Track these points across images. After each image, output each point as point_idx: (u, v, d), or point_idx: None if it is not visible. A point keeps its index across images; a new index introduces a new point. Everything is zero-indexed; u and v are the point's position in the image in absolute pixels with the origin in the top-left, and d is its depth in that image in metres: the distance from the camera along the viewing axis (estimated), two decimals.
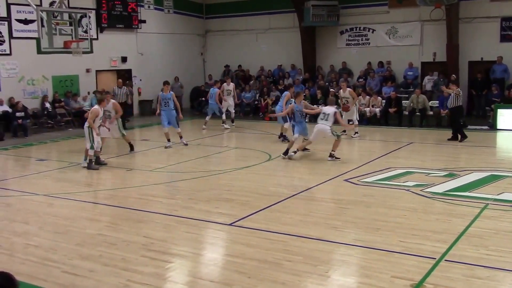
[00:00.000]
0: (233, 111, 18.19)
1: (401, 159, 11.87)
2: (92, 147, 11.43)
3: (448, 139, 14.14)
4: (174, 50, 23.59)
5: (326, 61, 22.08)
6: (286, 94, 14.68)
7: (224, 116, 17.62)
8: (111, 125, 12.53)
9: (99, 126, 11.74)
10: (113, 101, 12.87)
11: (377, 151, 12.06)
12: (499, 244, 6.44)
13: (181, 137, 14.14)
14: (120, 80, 19.10)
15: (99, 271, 5.87)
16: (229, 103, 17.83)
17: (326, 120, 11.80)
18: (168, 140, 13.94)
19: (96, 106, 11.63)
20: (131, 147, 13.36)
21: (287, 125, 14.33)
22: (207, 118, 17.71)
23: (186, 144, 14.06)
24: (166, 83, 14.23)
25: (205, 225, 7.56)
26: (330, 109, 11.92)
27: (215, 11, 24.76)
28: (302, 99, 12.77)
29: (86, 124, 11.47)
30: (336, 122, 11.95)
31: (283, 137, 14.53)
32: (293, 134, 12.55)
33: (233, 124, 18.03)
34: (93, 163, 11.51)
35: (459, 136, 14.02)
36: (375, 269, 5.74)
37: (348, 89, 15.46)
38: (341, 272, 5.78)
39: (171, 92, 14.04)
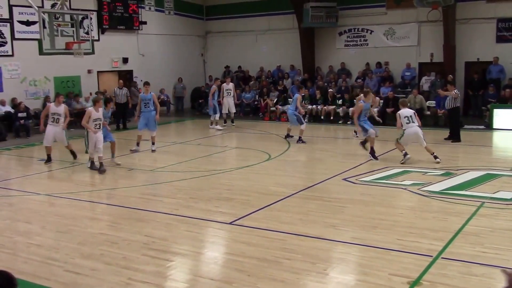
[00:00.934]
0: (234, 111, 18.28)
1: (399, 158, 11.94)
2: (86, 152, 11.58)
3: (445, 139, 14.24)
4: (175, 51, 23.65)
5: (325, 62, 22.14)
6: (298, 96, 14.58)
7: (217, 117, 17.55)
8: (59, 128, 12.21)
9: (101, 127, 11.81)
10: (64, 105, 12.56)
11: (375, 150, 12.14)
12: (495, 241, 6.53)
13: (153, 143, 13.49)
14: (121, 81, 19.19)
15: (101, 270, 5.94)
16: (229, 103, 17.92)
17: (413, 122, 11.64)
18: (137, 144, 13.53)
19: (90, 108, 11.73)
20: (74, 155, 12.64)
21: (303, 126, 14.18)
22: (213, 118, 17.67)
23: (154, 151, 13.40)
24: (146, 83, 13.99)
25: (205, 224, 7.64)
26: (410, 111, 11.81)
27: (215, 13, 24.81)
28: (371, 97, 12.70)
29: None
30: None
31: (289, 137, 14.66)
32: (367, 132, 12.20)
33: (233, 124, 18.11)
34: (94, 164, 11.60)
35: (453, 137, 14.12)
36: (372, 267, 5.83)
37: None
38: (339, 270, 5.87)
39: (152, 93, 13.80)
